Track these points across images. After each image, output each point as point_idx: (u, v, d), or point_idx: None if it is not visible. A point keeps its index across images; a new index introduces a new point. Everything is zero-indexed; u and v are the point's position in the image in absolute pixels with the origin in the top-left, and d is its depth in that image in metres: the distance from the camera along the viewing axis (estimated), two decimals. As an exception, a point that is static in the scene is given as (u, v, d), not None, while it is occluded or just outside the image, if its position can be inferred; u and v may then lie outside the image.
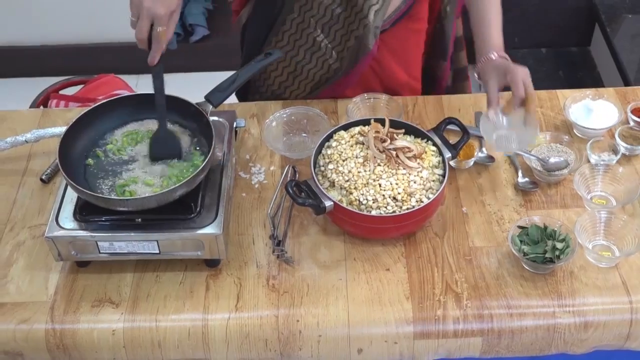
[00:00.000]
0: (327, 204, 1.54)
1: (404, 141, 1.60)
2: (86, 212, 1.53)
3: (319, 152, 1.65)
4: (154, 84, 1.54)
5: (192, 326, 1.50)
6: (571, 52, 3.31)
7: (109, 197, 1.47)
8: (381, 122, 1.63)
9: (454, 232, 1.62)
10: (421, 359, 1.50)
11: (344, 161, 1.59)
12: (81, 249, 1.53)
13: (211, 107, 1.61)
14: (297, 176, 1.73)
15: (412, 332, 1.48)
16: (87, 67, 3.19)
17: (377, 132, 1.60)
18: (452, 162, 1.71)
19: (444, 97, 1.92)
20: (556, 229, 1.54)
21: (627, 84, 2.84)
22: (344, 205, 1.54)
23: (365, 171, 1.56)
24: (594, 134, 1.77)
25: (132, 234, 1.49)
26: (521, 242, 1.54)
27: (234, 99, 1.93)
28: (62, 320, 1.51)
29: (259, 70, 1.65)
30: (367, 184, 1.55)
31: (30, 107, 2.36)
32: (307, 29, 1.80)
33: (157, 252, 1.52)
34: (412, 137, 1.66)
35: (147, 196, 1.47)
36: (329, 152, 1.62)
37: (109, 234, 1.50)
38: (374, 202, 1.54)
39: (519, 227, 1.57)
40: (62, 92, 2.46)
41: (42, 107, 2.40)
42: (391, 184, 1.55)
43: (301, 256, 1.59)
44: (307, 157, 1.76)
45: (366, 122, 1.67)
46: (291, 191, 1.54)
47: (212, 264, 1.57)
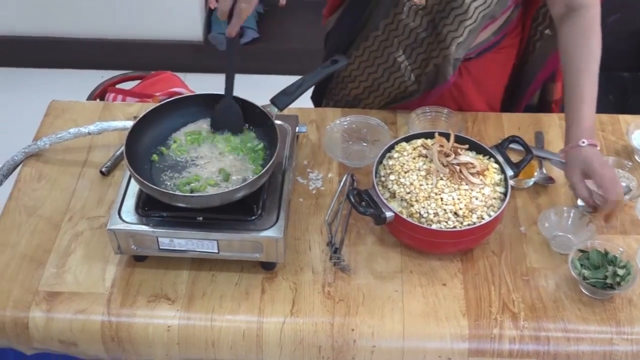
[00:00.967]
0: (388, 214, 1.53)
1: (467, 156, 1.58)
2: (148, 207, 1.53)
3: (380, 162, 1.64)
4: (227, 54, 1.55)
5: (246, 328, 1.49)
6: (623, 77, 3.27)
7: (174, 192, 1.47)
8: (445, 136, 1.62)
9: (512, 252, 1.61)
10: (473, 376, 1.49)
11: (405, 173, 1.58)
12: (141, 244, 1.53)
13: (276, 110, 1.61)
14: (356, 185, 1.72)
15: (467, 349, 1.47)
16: (136, 62, 3.22)
17: (442, 146, 1.58)
18: (511, 181, 1.69)
19: (504, 115, 1.90)
20: (617, 255, 1.52)
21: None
22: (404, 216, 1.53)
23: (427, 184, 1.55)
24: (657, 161, 1.75)
25: (194, 232, 1.49)
26: (581, 265, 1.52)
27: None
28: (118, 313, 1.51)
29: (325, 75, 1.64)
30: (429, 197, 1.54)
31: (87, 99, 2.37)
32: (389, 48, 1.80)
33: (216, 251, 1.52)
34: (474, 153, 1.65)
35: (211, 194, 1.47)
36: (391, 163, 1.61)
37: (171, 231, 1.50)
38: (434, 216, 1.53)
39: (580, 250, 1.54)
40: (118, 86, 2.47)
41: (98, 99, 2.41)
42: (453, 199, 1.53)
43: (357, 265, 1.58)
44: (365, 166, 1.76)
45: (428, 135, 1.66)
46: (353, 199, 1.53)
47: (268, 267, 1.57)
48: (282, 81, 2.16)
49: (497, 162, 1.62)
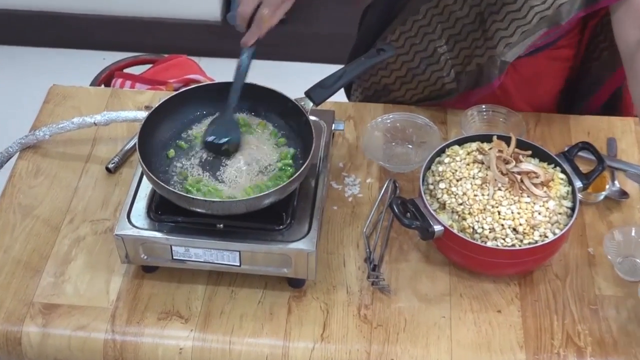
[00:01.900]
0: (437, 228, 1.52)
1: (530, 164, 1.57)
2: (162, 211, 1.53)
3: (428, 167, 1.63)
4: (239, 64, 1.56)
5: (270, 353, 1.49)
6: None
7: (194, 196, 1.47)
8: (505, 139, 1.61)
9: (578, 276, 1.60)
10: (530, 418, 1.48)
11: (457, 181, 1.57)
12: (152, 252, 1.53)
13: (312, 105, 1.61)
14: (399, 192, 1.72)
15: (524, 386, 1.46)
16: (142, 44, 3.23)
17: (501, 151, 1.57)
18: (579, 194, 1.68)
19: (572, 117, 1.89)
20: None
21: None
22: (455, 231, 1.53)
23: (482, 195, 1.55)
24: None
25: (213, 242, 1.50)
26: None
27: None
28: (123, 331, 1.52)
29: (369, 67, 1.64)
30: (484, 210, 1.53)
31: (91, 84, 2.39)
32: (430, 34, 1.78)
33: (238, 264, 1.52)
34: (538, 160, 1.64)
35: (236, 200, 1.47)
36: (441, 169, 1.60)
37: (187, 239, 1.50)
38: (490, 232, 1.52)
39: None
40: (126, 70, 2.48)
41: (103, 85, 2.42)
42: (512, 213, 1.52)
43: (399, 285, 1.58)
44: (410, 171, 1.75)
45: (485, 138, 1.65)
46: (397, 210, 1.53)
47: (296, 284, 1.57)
48: (311, 70, 2.17)
49: (563, 171, 1.61)
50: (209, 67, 2.55)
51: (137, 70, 2.50)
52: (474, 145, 1.64)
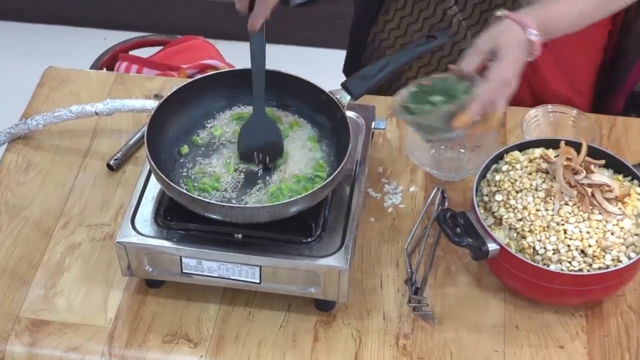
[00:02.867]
0: (491, 247, 1.53)
1: (603, 176, 1.57)
2: (172, 217, 1.55)
3: (482, 176, 1.63)
4: (252, 56, 1.56)
5: (292, 386, 1.50)
6: None
7: (210, 201, 1.48)
8: (574, 146, 1.61)
9: (656, 308, 1.59)
10: None
11: (517, 193, 1.58)
12: (158, 264, 1.55)
13: (349, 98, 1.61)
14: (447, 204, 1.72)
15: None
16: (158, 23, 3.25)
17: (569, 159, 1.57)
18: (660, 213, 1.67)
19: (654, 122, 1.89)
20: None
21: None
22: (513, 251, 1.53)
23: (546, 210, 1.55)
24: None
25: (230, 254, 1.51)
26: None
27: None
28: (122, 354, 1.53)
29: (417, 56, 1.65)
30: (548, 227, 1.53)
31: (92, 67, 2.41)
32: None
33: (257, 281, 1.53)
34: (612, 171, 1.63)
35: (258, 206, 1.48)
36: (498, 178, 1.61)
37: (199, 249, 1.51)
38: (554, 253, 1.52)
39: None
40: (132, 52, 2.50)
41: (105, 69, 2.44)
42: (580, 232, 1.52)
43: (444, 313, 1.59)
44: (461, 179, 1.76)
45: (551, 144, 1.66)
46: (444, 224, 1.53)
47: (324, 307, 1.58)
48: (340, 56, 2.17)
49: (642, 185, 1.61)
50: (228, 51, 2.56)
51: (145, 52, 2.51)
52: (538, 151, 1.64)
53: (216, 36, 3.15)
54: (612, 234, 1.53)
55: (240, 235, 1.52)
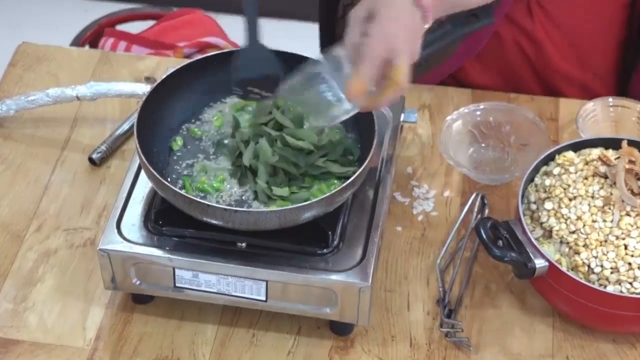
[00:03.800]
0: (539, 263, 1.53)
1: (672, 183, 1.57)
2: (164, 221, 1.56)
3: (530, 180, 1.64)
4: None
5: (302, 423, 1.51)
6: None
7: (209, 203, 1.49)
8: (638, 146, 1.61)
9: None
10: None
11: (570, 201, 1.58)
12: (147, 276, 1.56)
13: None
14: (488, 212, 1.72)
15: None
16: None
17: (632, 162, 1.58)
18: None
19: None
20: None
21: None
22: (564, 269, 1.53)
23: (604, 221, 1.55)
24: None
25: (232, 266, 1.51)
26: None
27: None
28: (104, 381, 1.54)
29: (458, 38, 1.65)
30: (606, 241, 1.54)
31: (72, 44, 2.42)
32: None
33: (263, 298, 1.54)
34: (682, 177, 1.63)
35: (266, 211, 1.49)
36: (548, 182, 1.61)
37: (196, 260, 1.52)
38: (612, 272, 1.52)
39: None
40: (119, 27, 2.51)
41: (88, 45, 2.45)
42: (645, 248, 1.53)
43: (482, 340, 1.59)
44: (505, 183, 1.76)
45: (611, 143, 1.66)
46: (484, 235, 1.54)
47: (341, 331, 1.58)
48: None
49: None
50: (232, 27, 2.56)
51: (135, 27, 2.52)
52: (595, 152, 1.64)
53: (218, 9, 3.14)
54: (682, 251, 1.53)
55: (244, 244, 1.53)
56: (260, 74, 1.59)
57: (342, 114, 1.51)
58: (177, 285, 1.55)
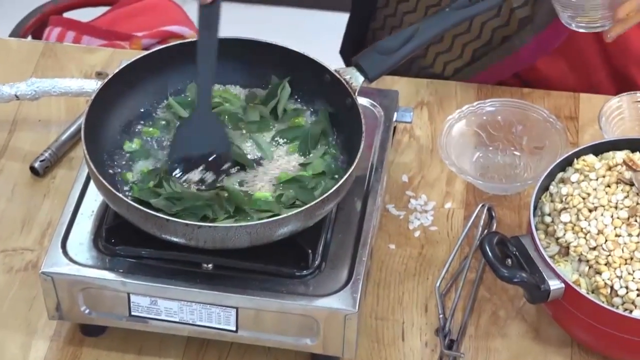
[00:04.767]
0: (554, 285, 1.54)
1: None
2: (117, 239, 1.57)
3: (544, 188, 1.66)
4: (200, 27, 1.59)
5: None
6: None
7: (168, 217, 1.49)
8: (668, 149, 1.64)
9: None
10: None
11: (590, 212, 1.59)
12: (98, 304, 1.57)
13: (362, 80, 1.64)
14: (495, 226, 1.74)
15: None
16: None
17: (662, 167, 1.60)
18: None
19: None
20: None
21: None
22: (583, 292, 1.54)
23: (629, 236, 1.56)
24: None
25: (196, 291, 1.53)
26: None
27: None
28: None
29: (456, 23, 1.67)
30: (631, 259, 1.55)
31: (11, 35, 2.43)
32: None
33: (233, 328, 1.56)
34: None
35: (234, 226, 1.50)
36: (565, 191, 1.63)
37: (154, 285, 1.54)
38: (639, 295, 1.54)
39: None
40: (67, 14, 2.52)
41: (30, 36, 2.46)
42: (677, 267, 1.55)
43: (490, 374, 1.61)
44: (516, 193, 1.78)
45: (637, 145, 1.68)
46: (491, 253, 1.55)
47: (324, 365, 1.60)
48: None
49: None
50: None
51: (85, 15, 2.53)
52: (620, 155, 1.66)
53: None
54: None
55: (210, 265, 1.55)
56: (206, 152, 1.60)
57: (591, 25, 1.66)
58: (132, 313, 1.56)
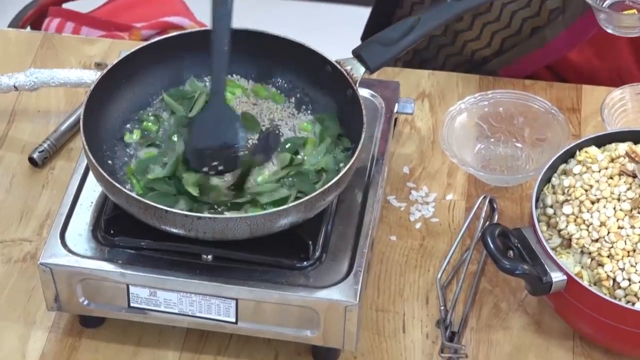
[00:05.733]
0: (556, 277, 1.54)
1: None
2: (116, 230, 1.57)
3: (546, 180, 1.66)
4: (214, 13, 1.58)
5: None
6: None
7: (167, 208, 1.49)
8: (671, 140, 1.64)
9: None
10: None
11: (593, 204, 1.59)
12: (97, 295, 1.57)
13: (363, 71, 1.64)
14: (497, 218, 1.74)
15: None
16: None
17: (665, 158, 1.60)
18: None
19: None
20: None
21: None
22: (585, 284, 1.54)
23: (632, 228, 1.56)
24: None
25: (196, 282, 1.53)
26: None
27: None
28: (46, 418, 1.56)
29: (458, 14, 1.67)
30: (634, 251, 1.55)
31: (10, 25, 2.43)
32: None
33: (233, 320, 1.56)
34: None
35: (235, 217, 1.50)
36: (567, 183, 1.63)
37: (154, 275, 1.54)
38: (642, 288, 1.54)
39: None
40: (66, 5, 2.52)
41: (29, 27, 2.46)
42: (680, 259, 1.54)
43: (491, 367, 1.61)
44: (517, 184, 1.79)
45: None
46: (492, 245, 1.55)
47: (325, 358, 1.60)
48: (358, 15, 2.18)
49: None
50: (199, 6, 2.59)
51: (85, 5, 2.53)
52: (623, 147, 1.66)
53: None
54: None
55: (210, 256, 1.55)
56: (220, 145, 1.60)
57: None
58: (132, 305, 1.56)
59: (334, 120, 1.66)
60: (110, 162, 1.61)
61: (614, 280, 1.54)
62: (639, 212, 1.57)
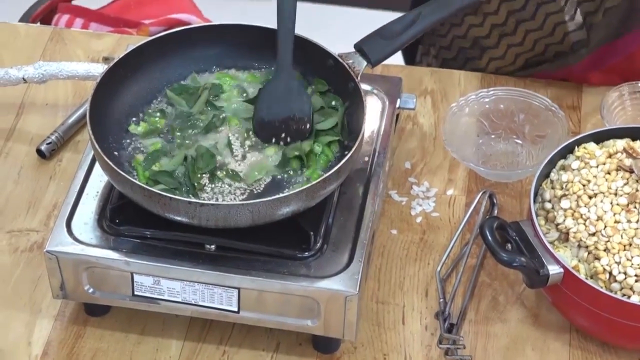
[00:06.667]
0: (553, 270, 1.56)
1: None
2: (121, 219, 1.59)
3: (545, 175, 1.67)
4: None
5: None
6: None
7: (171, 195, 1.51)
8: (668, 137, 1.65)
9: None
10: None
11: (590, 198, 1.60)
12: (102, 283, 1.59)
13: (365, 64, 1.65)
14: (497, 212, 1.76)
15: None
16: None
17: (662, 154, 1.61)
18: None
19: None
20: None
21: None
22: (582, 277, 1.55)
23: (628, 222, 1.57)
24: None
25: (199, 271, 1.54)
26: None
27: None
28: (50, 404, 1.57)
29: (461, 9, 1.68)
30: (630, 245, 1.56)
31: (21, 20, 2.45)
32: None
33: (235, 309, 1.57)
34: None
35: (237, 204, 1.52)
36: (565, 178, 1.64)
37: (158, 264, 1.55)
38: (637, 281, 1.55)
39: None
40: (76, 1, 2.53)
41: (39, 22, 2.48)
42: (675, 253, 1.56)
43: (487, 358, 1.62)
44: (517, 180, 1.80)
45: (638, 133, 1.69)
46: (491, 238, 1.56)
47: (325, 347, 1.61)
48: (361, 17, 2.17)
49: None
50: (207, 3, 2.60)
51: (94, 2, 2.54)
52: (620, 143, 1.67)
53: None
54: None
55: (213, 246, 1.56)
56: (287, 116, 1.63)
57: None
58: (136, 293, 1.58)
59: (322, 83, 1.68)
60: (116, 154, 1.62)
61: (610, 273, 1.55)
62: (635, 207, 1.58)
